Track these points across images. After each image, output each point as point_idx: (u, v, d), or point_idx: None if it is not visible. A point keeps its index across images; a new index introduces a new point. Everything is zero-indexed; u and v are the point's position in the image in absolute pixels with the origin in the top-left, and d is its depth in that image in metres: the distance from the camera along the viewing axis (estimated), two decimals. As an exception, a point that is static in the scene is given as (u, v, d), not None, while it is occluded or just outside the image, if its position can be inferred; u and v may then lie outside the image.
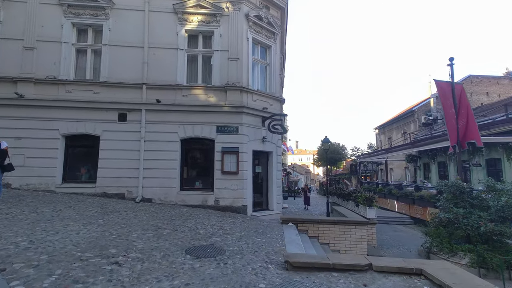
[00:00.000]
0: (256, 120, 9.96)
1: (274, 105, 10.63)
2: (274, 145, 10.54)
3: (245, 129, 9.48)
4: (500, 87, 21.04)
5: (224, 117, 9.46)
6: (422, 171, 20.48)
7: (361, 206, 9.39)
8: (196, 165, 9.77)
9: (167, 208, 8.10)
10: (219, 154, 9.23)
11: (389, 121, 26.51)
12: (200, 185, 9.41)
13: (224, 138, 9.37)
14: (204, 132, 9.36)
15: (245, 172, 9.26)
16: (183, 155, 9.47)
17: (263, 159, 10.62)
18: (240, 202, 9.08)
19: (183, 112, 9.38)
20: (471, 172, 15.11)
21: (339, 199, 12.06)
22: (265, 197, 10.45)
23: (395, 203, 14.94)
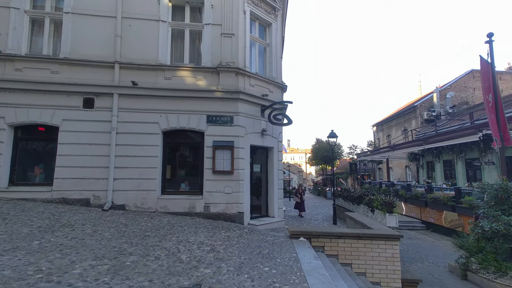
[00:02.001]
0: (255, 109, 8.34)
1: (274, 92, 9.04)
2: (275, 139, 8.96)
3: (241, 119, 7.84)
4: (503, 83, 20.24)
5: (216, 105, 7.79)
6: (425, 170, 19.40)
7: (377, 212, 7.97)
8: (182, 163, 8.06)
9: (143, 217, 6.37)
10: (210, 150, 7.57)
11: (388, 118, 25.46)
12: (186, 187, 7.72)
13: (216, 130, 7.70)
14: (192, 122, 7.66)
15: (241, 171, 7.64)
16: (165, 151, 7.74)
17: (262, 156, 9.02)
18: (235, 209, 7.45)
19: (166, 98, 7.65)
20: (482, 171, 14.02)
21: (347, 202, 10.64)
22: (264, 201, 8.86)
23: (403, 205, 13.69)
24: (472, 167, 15.00)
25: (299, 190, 13.47)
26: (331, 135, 10.41)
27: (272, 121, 8.17)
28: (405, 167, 22.74)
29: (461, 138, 10.04)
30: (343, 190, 11.54)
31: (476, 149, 13.98)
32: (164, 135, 7.75)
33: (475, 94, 20.17)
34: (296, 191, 14.02)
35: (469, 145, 14.06)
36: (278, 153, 9.02)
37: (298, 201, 13.09)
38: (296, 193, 13.77)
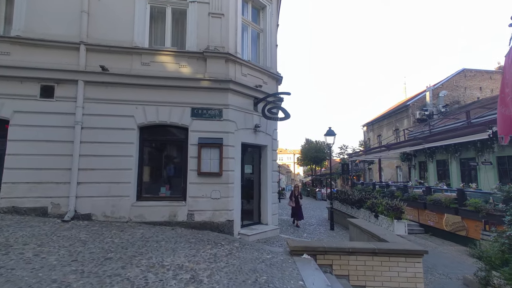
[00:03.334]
0: (247, 101, 7.33)
1: (269, 83, 8.06)
2: (269, 136, 7.98)
3: (231, 113, 6.82)
4: (493, 82, 20.26)
5: (203, 96, 6.72)
6: (417, 171, 19.03)
7: (382, 217, 7.18)
8: (162, 163, 6.93)
9: (111, 230, 5.22)
10: (195, 148, 6.50)
11: (379, 118, 25.12)
12: (167, 192, 6.61)
13: (202, 126, 6.64)
14: (174, 116, 6.57)
15: (231, 173, 6.62)
16: (142, 149, 6.60)
17: (255, 156, 8.03)
18: (224, 216, 6.42)
19: (143, 87, 6.51)
20: (478, 171, 13.63)
21: (345, 205, 9.83)
22: (256, 206, 7.87)
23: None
24: (467, 167, 14.62)
25: (294, 193, 10.63)
26: (329, 133, 9.57)
27: (267, 115, 7.19)
28: (396, 167, 22.40)
29: (468, 136, 9.47)
30: (340, 192, 10.73)
31: (472, 149, 13.57)
32: (141, 130, 6.61)
33: (466, 93, 20.05)
34: (291, 194, 10.99)
35: (464, 144, 13.63)
36: (273, 152, 8.05)
37: (293, 205, 10.33)
38: (291, 196, 10.74)
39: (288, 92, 6.69)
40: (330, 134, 9.55)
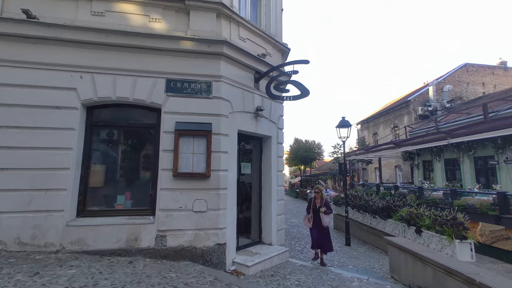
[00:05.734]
0: (246, 75, 5.30)
1: (274, 56, 6.06)
2: (273, 125, 5.97)
3: (225, 88, 4.76)
4: (495, 78, 19.37)
5: (184, 63, 4.63)
6: (421, 170, 17.68)
7: (427, 234, 5.35)
8: (119, 160, 4.72)
9: (20, 270, 3.02)
10: (170, 138, 4.40)
11: (375, 115, 23.76)
12: (126, 203, 4.43)
13: (182, 105, 4.55)
14: (140, 91, 4.43)
15: (223, 174, 4.56)
16: (89, 139, 4.40)
17: (255, 150, 6.00)
18: (212, 239, 4.34)
19: (93, 47, 4.33)
20: (498, 171, 12.25)
21: (361, 214, 7.94)
22: (256, 219, 5.84)
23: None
24: (483, 166, 13.24)
25: (315, 202, 5.65)
26: (342, 124, 7.70)
27: (273, 94, 5.19)
28: (395, 167, 21.08)
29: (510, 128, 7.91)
30: (355, 197, 8.86)
31: (490, 146, 12.19)
32: (88, 111, 4.42)
33: (468, 89, 19.00)
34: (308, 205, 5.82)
35: (481, 141, 12.26)
36: (278, 146, 6.04)
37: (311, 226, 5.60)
38: (308, 209, 5.75)
39: (306, 60, 4.71)
40: (344, 125, 7.70)
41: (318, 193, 5.77)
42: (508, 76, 19.71)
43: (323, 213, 5.51)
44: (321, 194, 5.78)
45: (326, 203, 5.71)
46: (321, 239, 5.57)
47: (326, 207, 5.61)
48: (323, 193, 5.83)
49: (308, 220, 5.72)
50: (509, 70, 19.93)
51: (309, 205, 5.81)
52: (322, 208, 5.55)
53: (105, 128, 4.57)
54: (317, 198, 5.73)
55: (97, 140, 4.50)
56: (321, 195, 5.77)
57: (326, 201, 5.75)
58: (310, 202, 5.80)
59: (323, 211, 5.52)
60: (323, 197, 5.78)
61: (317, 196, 5.75)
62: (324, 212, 5.52)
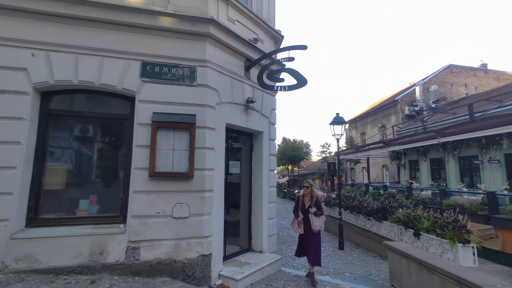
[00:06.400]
0: (235, 62, 4.68)
1: (266, 43, 5.47)
2: (265, 119, 5.38)
3: (212, 75, 4.13)
4: (477, 79, 19.84)
5: (163, 44, 3.95)
6: (407, 170, 17.75)
7: (426, 237, 4.99)
8: (83, 158, 3.96)
9: None
10: (146, 131, 3.71)
11: (363, 114, 23.80)
12: (91, 209, 3.69)
13: (160, 93, 3.87)
14: (109, 74, 3.71)
15: (209, 174, 3.93)
16: (43, 131, 3.63)
17: (245, 147, 5.40)
18: (196, 249, 3.70)
19: (49, 18, 3.55)
20: (481, 170, 12.36)
21: (354, 215, 7.53)
22: (245, 224, 5.24)
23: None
24: (467, 166, 13.37)
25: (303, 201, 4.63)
26: (336, 121, 7.24)
27: (266, 83, 4.60)
28: (382, 167, 21.18)
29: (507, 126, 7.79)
30: (347, 198, 8.46)
31: (475, 145, 12.27)
32: (43, 97, 3.65)
33: (452, 89, 19.33)
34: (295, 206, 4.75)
35: (466, 141, 12.33)
36: (270, 143, 5.47)
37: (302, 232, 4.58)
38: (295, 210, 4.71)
39: (303, 46, 4.16)
40: (338, 122, 7.26)
41: (308, 188, 4.62)
42: (488, 78, 20.26)
43: (313, 214, 4.42)
44: (311, 191, 4.64)
45: (317, 202, 4.59)
46: (309, 247, 4.46)
47: (317, 207, 4.53)
48: (313, 190, 4.68)
49: (298, 224, 4.56)
50: (489, 72, 20.50)
51: (297, 204, 4.68)
52: (312, 208, 4.45)
53: (66, 119, 3.81)
54: (306, 196, 4.62)
55: (55, 133, 3.72)
56: (311, 191, 4.64)
57: (317, 200, 4.61)
58: (298, 201, 4.68)
59: (313, 212, 4.43)
60: (314, 195, 4.64)
61: (307, 193, 4.62)
62: (314, 213, 4.43)
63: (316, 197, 4.65)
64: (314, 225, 4.42)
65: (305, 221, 4.54)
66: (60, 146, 3.75)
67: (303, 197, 4.68)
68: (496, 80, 19.96)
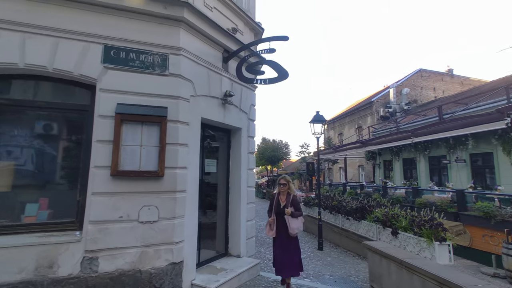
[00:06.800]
0: (212, 52, 4.34)
1: (245, 34, 5.18)
2: (244, 115, 5.09)
3: (186, 65, 3.76)
4: (444, 84, 21.03)
5: (130, 27, 3.51)
6: (382, 170, 18.33)
7: (404, 236, 4.99)
8: (32, 155, 3.40)
9: None
10: (109, 124, 3.26)
11: (341, 115, 24.32)
12: (41, 214, 3.17)
13: (126, 82, 3.43)
14: (63, 58, 3.21)
15: (181, 173, 3.57)
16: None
17: (222, 144, 5.06)
18: (164, 256, 3.32)
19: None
20: (449, 169, 13.01)
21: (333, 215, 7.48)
22: (222, 226, 4.90)
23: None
24: (436, 165, 14.02)
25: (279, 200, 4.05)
26: (316, 119, 7.14)
27: (245, 76, 4.31)
28: (358, 166, 21.74)
29: (479, 126, 8.13)
30: (326, 197, 8.41)
31: (443, 146, 12.89)
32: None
33: (422, 93, 20.31)
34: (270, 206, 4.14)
35: (435, 141, 12.94)
36: (249, 140, 5.18)
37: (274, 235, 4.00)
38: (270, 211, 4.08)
39: (284, 36, 3.93)
40: (318, 120, 7.16)
41: (284, 185, 4.03)
42: (454, 83, 21.55)
43: (290, 215, 3.79)
44: (289, 188, 4.06)
45: (295, 202, 3.97)
46: (288, 255, 3.83)
47: (295, 207, 3.90)
48: (291, 186, 4.11)
49: (269, 226, 3.97)
50: (455, 77, 21.82)
51: (272, 204, 4.11)
52: (288, 207, 3.84)
53: (10, 109, 3.24)
54: (283, 194, 4.04)
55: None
56: (289, 188, 4.06)
57: (294, 199, 3.99)
58: (273, 200, 4.12)
59: (290, 212, 3.80)
60: (291, 192, 4.08)
61: (283, 190, 4.03)
62: (291, 214, 3.81)
63: (294, 195, 4.08)
64: (291, 228, 3.79)
65: (280, 224, 3.91)
66: (4, 142, 3.18)
67: (279, 196, 4.10)
68: (460, 84, 21.27)
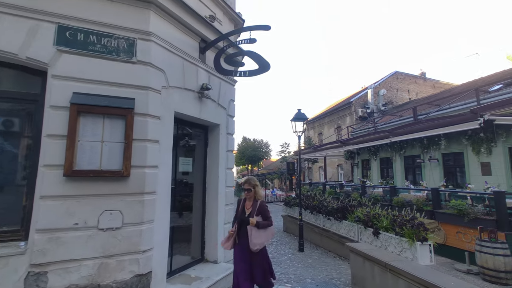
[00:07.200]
0: (188, 41, 3.98)
1: (224, 24, 4.85)
2: (223, 111, 4.76)
3: (156, 52, 3.37)
4: (417, 86, 21.96)
5: (90, 5, 3.06)
6: (360, 169, 18.72)
7: (386, 236, 4.93)
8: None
9: None
10: (62, 116, 2.80)
11: (321, 115, 24.63)
12: (-26, 221, 2.66)
13: (84, 68, 2.98)
14: (6, 38, 2.71)
15: (150, 173, 3.18)
16: None
17: (198, 142, 4.70)
18: (129, 267, 2.92)
19: None
20: (423, 169, 13.49)
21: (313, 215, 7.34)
22: (198, 230, 4.55)
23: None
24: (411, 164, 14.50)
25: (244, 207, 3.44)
26: (298, 117, 6.95)
27: (224, 68, 3.99)
28: (337, 166, 22.09)
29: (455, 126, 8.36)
30: (307, 197, 8.28)
31: (418, 146, 13.36)
32: None
33: (397, 94, 21.04)
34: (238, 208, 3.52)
35: (410, 141, 13.37)
36: (228, 138, 4.86)
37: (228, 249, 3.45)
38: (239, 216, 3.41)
39: (266, 26, 3.66)
40: (300, 118, 6.97)
41: (249, 191, 3.35)
42: (426, 86, 22.57)
43: (255, 225, 3.15)
44: (255, 193, 3.37)
45: (262, 209, 3.29)
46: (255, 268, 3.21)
47: (262, 215, 3.26)
48: (257, 191, 3.40)
49: (227, 238, 3.37)
50: (427, 80, 22.86)
51: (236, 210, 3.51)
52: (253, 216, 3.20)
53: None
54: (249, 199, 3.41)
55: None
56: (255, 193, 3.37)
57: (262, 205, 3.32)
58: (238, 207, 3.49)
59: (255, 222, 3.16)
60: (258, 197, 3.40)
61: (249, 196, 3.38)
62: (256, 224, 3.16)
63: (262, 201, 3.39)
64: (252, 243, 3.10)
65: (243, 235, 3.25)
66: None
67: (244, 202, 3.45)
68: (432, 87, 22.32)
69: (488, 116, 6.96)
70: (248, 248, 3.18)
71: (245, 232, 3.25)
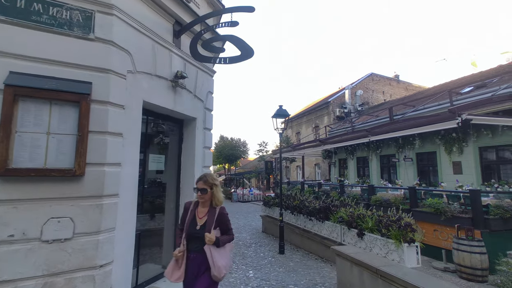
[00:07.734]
0: (160, 22, 3.48)
1: (202, 7, 4.37)
2: (200, 103, 4.29)
3: (120, 29, 2.85)
4: (391, 88, 22.76)
5: (30, -37, 2.47)
6: (337, 168, 18.98)
7: (370, 237, 4.77)
8: None
9: None
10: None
11: (299, 114, 24.68)
12: None
13: (25, 43, 2.40)
14: None
15: (111, 170, 2.67)
16: None
17: (172, 137, 4.20)
18: (82, 287, 2.40)
19: None
20: (398, 168, 13.90)
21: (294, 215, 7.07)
22: (170, 235, 4.05)
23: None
24: (386, 163, 14.89)
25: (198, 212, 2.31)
26: (279, 113, 6.65)
27: (201, 54, 3.55)
28: (315, 165, 22.28)
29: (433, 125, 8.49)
30: (287, 197, 8.01)
31: (393, 145, 13.73)
32: None
33: (373, 95, 21.65)
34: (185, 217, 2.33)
35: (386, 141, 13.71)
36: (205, 133, 4.40)
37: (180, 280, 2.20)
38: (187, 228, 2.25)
39: (250, 7, 3.28)
40: (281, 115, 6.69)
41: (204, 192, 2.26)
42: (400, 88, 23.48)
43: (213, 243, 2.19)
44: (212, 195, 2.32)
45: (222, 219, 2.33)
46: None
47: (221, 227, 2.32)
48: (216, 193, 2.33)
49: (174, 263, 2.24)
50: (400, 82, 23.80)
51: (183, 220, 2.36)
52: (210, 230, 2.22)
53: None
54: (202, 204, 2.34)
55: None
56: (212, 196, 2.32)
57: (222, 214, 2.33)
58: (185, 215, 2.36)
59: (213, 240, 2.18)
60: (217, 203, 2.34)
61: (203, 199, 2.30)
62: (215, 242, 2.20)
63: (221, 208, 2.36)
64: (217, 267, 2.16)
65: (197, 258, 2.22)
66: None
67: (196, 208, 2.37)
68: (405, 90, 23.26)
69: (466, 115, 7.13)
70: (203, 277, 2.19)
71: (197, 254, 2.22)
